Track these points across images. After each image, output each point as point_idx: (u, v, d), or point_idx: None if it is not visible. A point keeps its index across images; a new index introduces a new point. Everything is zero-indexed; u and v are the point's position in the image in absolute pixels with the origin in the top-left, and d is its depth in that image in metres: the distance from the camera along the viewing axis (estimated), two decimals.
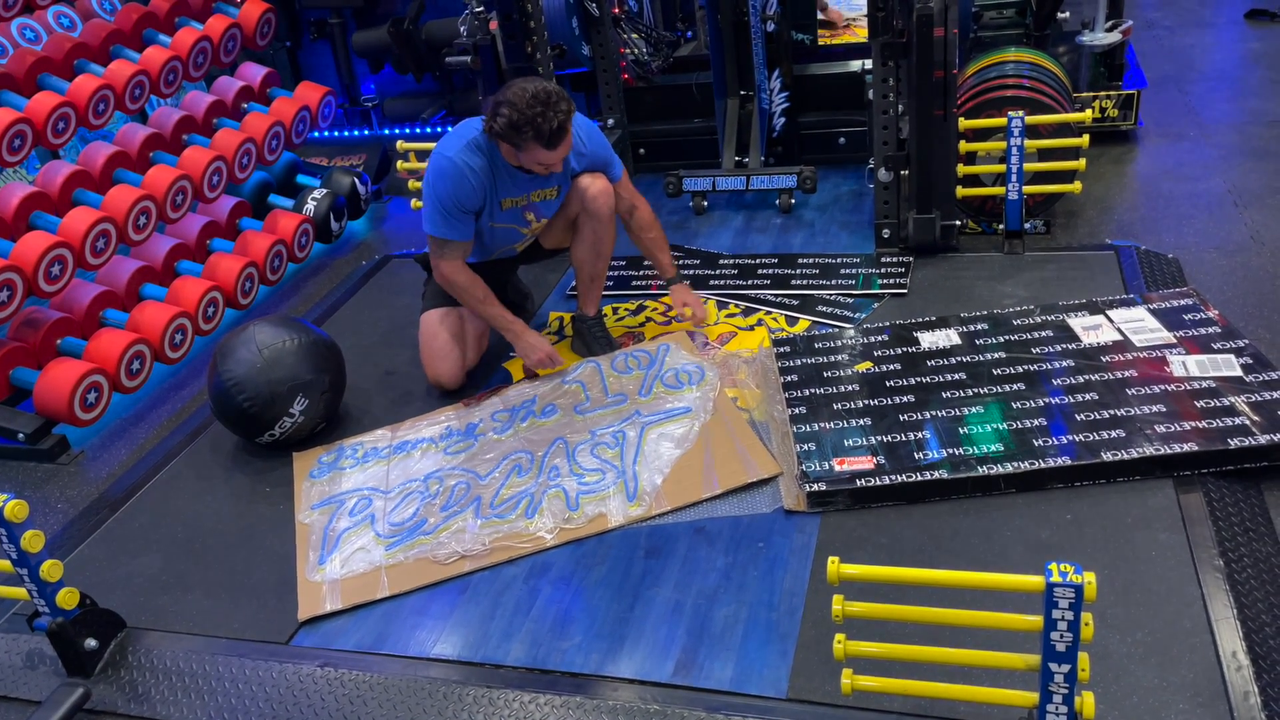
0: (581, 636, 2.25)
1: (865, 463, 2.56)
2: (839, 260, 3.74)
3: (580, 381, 3.15)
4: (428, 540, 2.60)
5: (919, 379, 2.88)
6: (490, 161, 2.96)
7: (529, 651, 2.22)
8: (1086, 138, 3.52)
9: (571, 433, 2.92)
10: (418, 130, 5.54)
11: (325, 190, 4.63)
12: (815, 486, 2.51)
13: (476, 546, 2.54)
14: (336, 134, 5.86)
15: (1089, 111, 3.67)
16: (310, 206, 4.54)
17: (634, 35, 4.82)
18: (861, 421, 2.73)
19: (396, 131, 5.64)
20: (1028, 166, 3.49)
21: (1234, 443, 2.40)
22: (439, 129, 5.49)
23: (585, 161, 3.10)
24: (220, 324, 3.92)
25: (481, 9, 3.95)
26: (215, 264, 4.01)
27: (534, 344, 3.15)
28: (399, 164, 4.18)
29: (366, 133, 5.85)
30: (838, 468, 2.56)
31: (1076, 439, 2.51)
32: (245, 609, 2.48)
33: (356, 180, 4.81)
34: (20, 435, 3.37)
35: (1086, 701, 1.68)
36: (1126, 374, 2.74)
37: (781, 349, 3.15)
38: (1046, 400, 2.69)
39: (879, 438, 2.65)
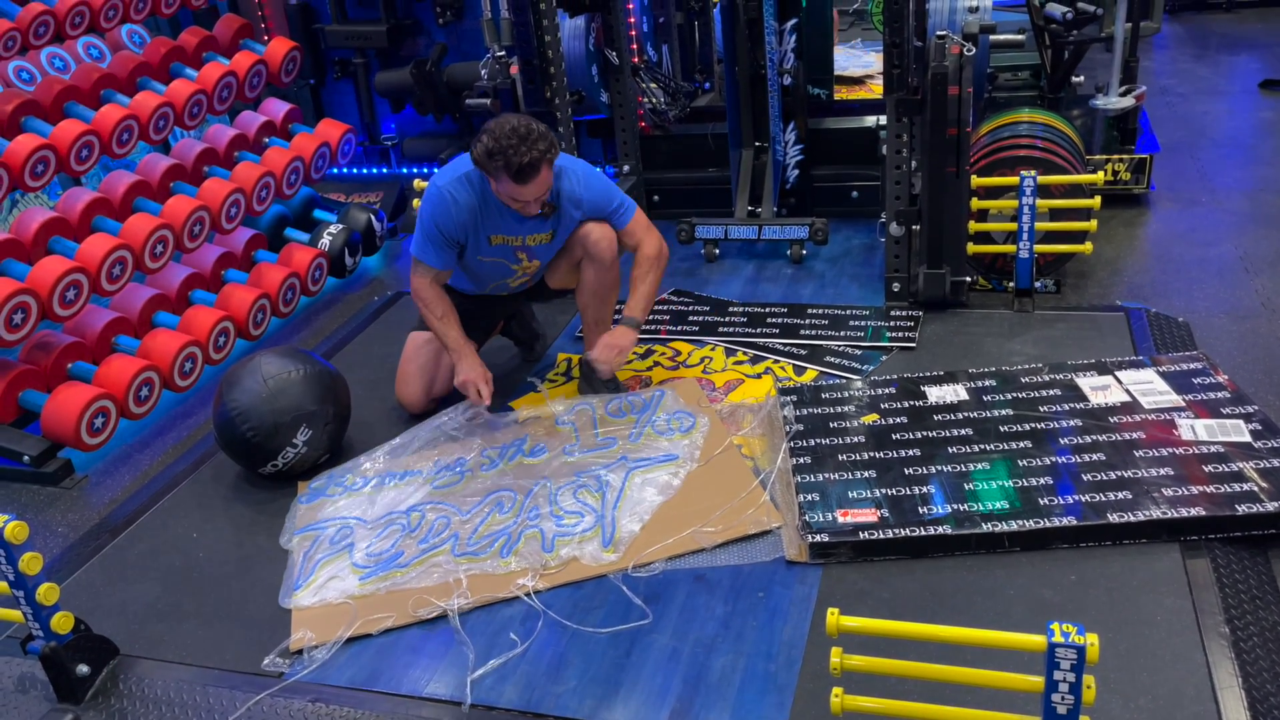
0: (576, 681, 2.22)
1: (869, 515, 2.54)
2: (848, 312, 3.75)
3: (572, 423, 3.14)
4: (401, 574, 2.59)
5: (925, 433, 2.87)
6: (480, 196, 2.98)
7: (522, 694, 2.20)
8: (1098, 199, 3.54)
9: (556, 474, 2.91)
10: (436, 170, 5.60)
11: (341, 226, 4.67)
12: (818, 537, 2.49)
13: (448, 580, 2.54)
14: (355, 171, 5.93)
15: (1101, 173, 3.70)
16: (326, 241, 4.58)
17: (652, 84, 4.88)
18: (866, 474, 2.72)
19: (414, 171, 5.70)
20: (1039, 226, 3.51)
21: (1242, 509, 2.38)
22: None
23: (584, 210, 3.10)
24: (231, 354, 3.94)
25: (503, 54, 4.01)
26: (229, 294, 4.04)
27: (469, 368, 3.12)
28: (415, 202, 4.22)
29: (385, 171, 5.92)
30: (841, 519, 2.54)
31: (1083, 499, 2.49)
32: (240, 640, 2.46)
33: (373, 217, 4.86)
34: (26, 458, 3.37)
35: None
36: (1134, 436, 2.73)
37: (788, 398, 3.15)
38: (1053, 459, 2.67)
39: (884, 490, 2.63)
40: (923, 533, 2.46)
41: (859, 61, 6.40)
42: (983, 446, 2.78)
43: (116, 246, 3.66)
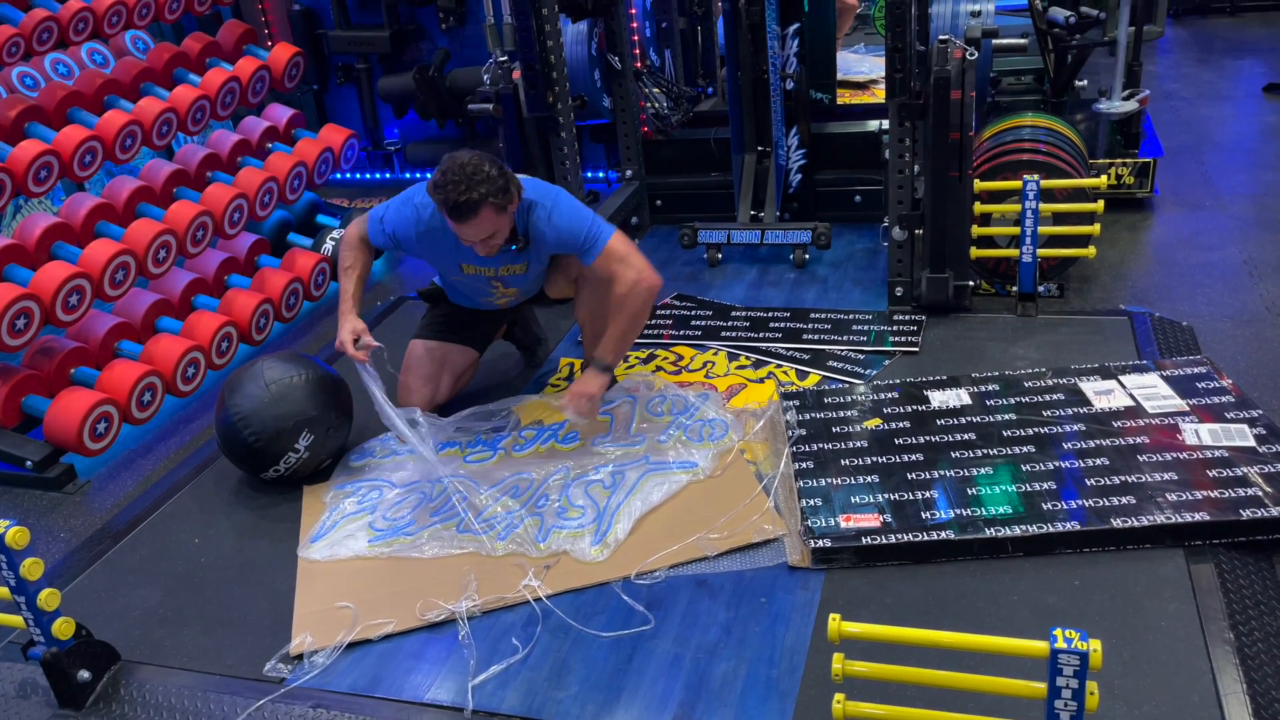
0: (578, 687, 2.21)
1: (872, 520, 2.53)
2: (851, 316, 3.74)
3: (611, 415, 3.17)
4: (408, 540, 2.71)
5: (928, 438, 2.86)
6: (444, 224, 2.90)
7: (524, 700, 2.19)
8: (1101, 203, 3.54)
9: (579, 464, 2.94)
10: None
11: (344, 231, 4.67)
12: (820, 543, 2.48)
13: (451, 551, 2.66)
14: (358, 176, 5.95)
15: (1104, 177, 3.69)
16: (329, 246, 4.59)
17: (655, 89, 4.88)
18: (869, 479, 2.71)
19: (418, 175, 5.72)
20: (1042, 230, 3.50)
21: (1246, 514, 2.37)
22: None
23: (551, 247, 3.01)
24: (234, 359, 3.94)
25: (505, 58, 4.01)
26: (232, 299, 4.04)
27: (346, 328, 3.03)
28: None
29: (388, 176, 5.94)
30: (844, 524, 2.53)
31: (1086, 504, 2.48)
32: (241, 646, 2.45)
33: None
34: (28, 463, 3.37)
35: None
36: (1138, 440, 2.72)
37: (790, 403, 3.14)
38: (1057, 464, 2.66)
39: (886, 495, 2.62)
40: (926, 538, 2.45)
41: (861, 65, 6.39)
42: (986, 451, 2.77)
43: (119, 252, 3.66)
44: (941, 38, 3.33)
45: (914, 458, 2.78)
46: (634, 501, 2.76)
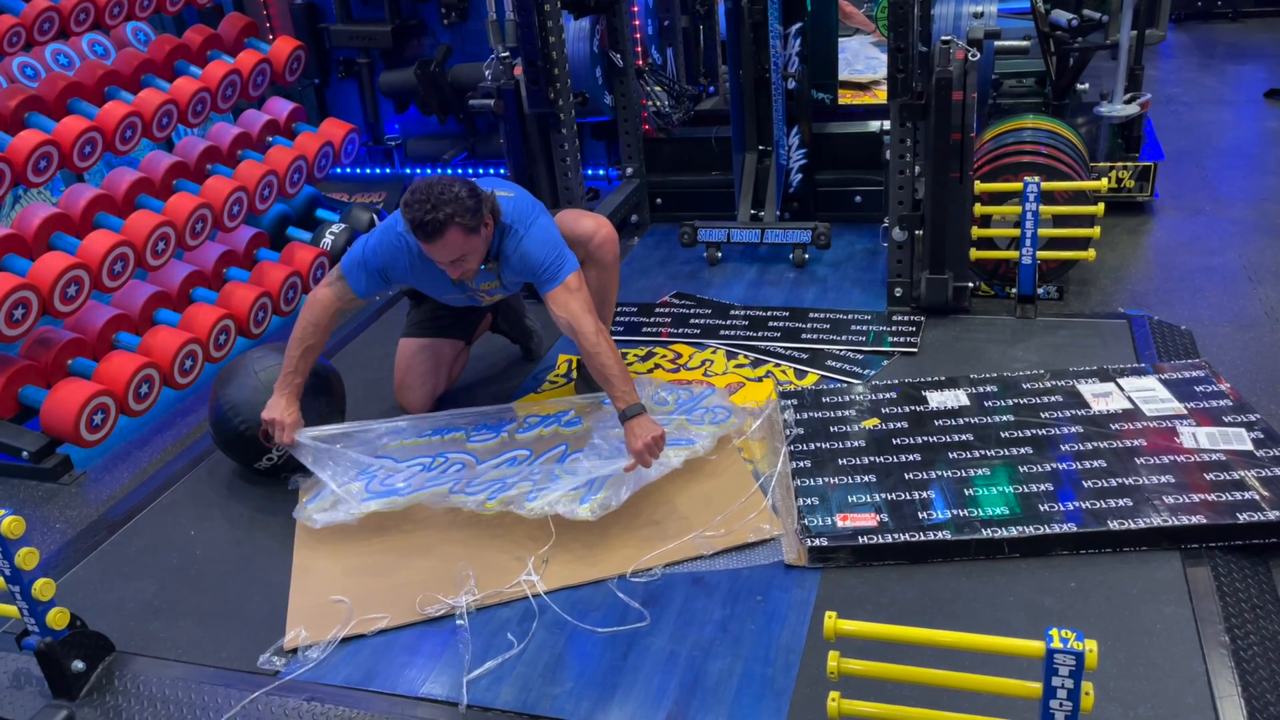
0: (573, 683, 2.21)
1: (869, 520, 2.53)
2: (850, 316, 3.74)
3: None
4: (402, 501, 2.75)
5: (926, 438, 2.86)
6: None
7: (519, 695, 2.19)
8: (1102, 206, 3.54)
9: (578, 442, 2.95)
10: (439, 171, 5.62)
11: (343, 225, 4.67)
12: (817, 542, 2.48)
13: (441, 505, 2.74)
14: (358, 171, 5.94)
15: (1104, 181, 3.69)
16: (328, 240, 4.58)
17: (656, 87, 4.88)
18: (866, 478, 2.71)
19: (418, 171, 5.71)
20: (1042, 232, 3.50)
21: (1243, 517, 2.37)
22: (460, 170, 5.55)
23: (517, 273, 2.94)
24: (231, 352, 3.93)
25: (507, 54, 4.01)
26: (230, 292, 4.04)
27: (271, 405, 2.87)
28: None
29: (388, 171, 5.93)
30: (841, 523, 2.53)
31: (1083, 506, 2.48)
32: (236, 638, 2.45)
33: (375, 217, 4.86)
34: (24, 453, 3.37)
35: None
36: (1136, 443, 2.72)
37: (789, 402, 3.14)
38: (1054, 466, 2.66)
39: (884, 495, 2.62)
40: (922, 538, 2.45)
41: (858, 66, 6.38)
42: (983, 452, 2.77)
43: (118, 243, 3.66)
44: (944, 39, 3.33)
45: (911, 458, 2.78)
46: (629, 475, 2.68)
